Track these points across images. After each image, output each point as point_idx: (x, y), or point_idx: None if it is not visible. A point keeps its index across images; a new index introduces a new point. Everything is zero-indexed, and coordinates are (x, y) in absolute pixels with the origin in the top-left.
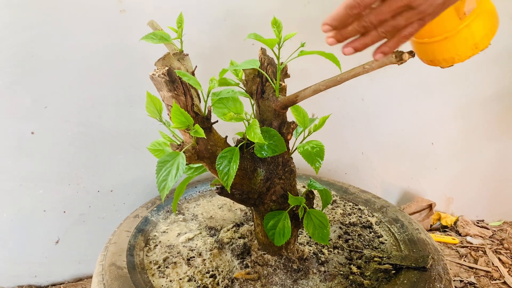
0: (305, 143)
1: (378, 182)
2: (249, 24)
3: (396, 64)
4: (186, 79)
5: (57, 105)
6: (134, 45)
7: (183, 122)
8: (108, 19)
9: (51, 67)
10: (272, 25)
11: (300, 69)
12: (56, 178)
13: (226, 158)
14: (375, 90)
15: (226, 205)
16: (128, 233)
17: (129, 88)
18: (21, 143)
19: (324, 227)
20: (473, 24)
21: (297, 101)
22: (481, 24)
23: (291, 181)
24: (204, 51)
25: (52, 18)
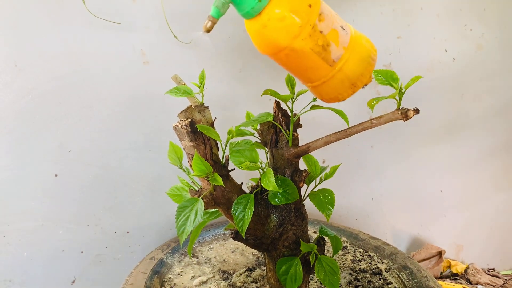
0: (316, 191)
1: (388, 229)
2: (263, 73)
3: (402, 120)
4: (206, 132)
5: (81, 149)
6: (154, 95)
7: (203, 170)
8: (132, 70)
9: (77, 114)
10: (287, 83)
11: (311, 117)
12: (75, 219)
13: (241, 204)
14: (384, 138)
15: (238, 249)
16: (144, 274)
17: (148, 135)
18: (45, 185)
19: (334, 273)
20: (345, 67)
21: (309, 151)
22: (353, 66)
23: (303, 228)
24: (222, 100)
25: (80, 69)
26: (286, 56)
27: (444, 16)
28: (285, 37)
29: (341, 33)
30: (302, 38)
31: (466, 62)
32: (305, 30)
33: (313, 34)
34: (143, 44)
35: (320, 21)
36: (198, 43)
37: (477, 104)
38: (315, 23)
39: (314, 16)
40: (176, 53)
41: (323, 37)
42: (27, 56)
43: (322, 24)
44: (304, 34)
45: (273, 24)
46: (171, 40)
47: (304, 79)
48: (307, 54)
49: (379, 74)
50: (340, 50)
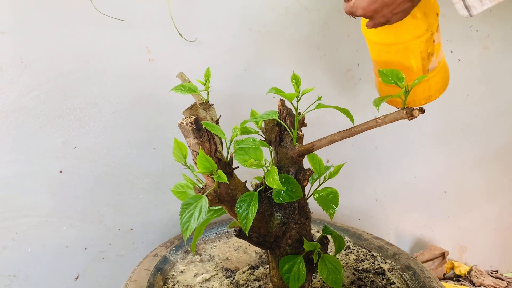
0: (320, 189)
1: (391, 229)
2: (268, 72)
3: (407, 119)
4: (211, 129)
5: (86, 146)
6: (160, 92)
7: (208, 167)
8: (137, 68)
9: (82, 110)
10: (292, 80)
11: (316, 116)
12: (79, 215)
13: (245, 202)
14: (388, 138)
15: (242, 247)
16: (147, 271)
17: (153, 132)
18: (49, 181)
19: (337, 272)
20: (432, 79)
21: (313, 149)
22: (438, 81)
23: (306, 226)
24: (227, 99)
25: (85, 66)
26: (397, 50)
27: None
28: (409, 34)
29: (441, 48)
30: (421, 40)
31: (471, 63)
32: (426, 34)
33: (429, 40)
34: (148, 41)
35: (437, 32)
36: (204, 41)
37: (482, 105)
38: (434, 31)
39: (436, 24)
40: (181, 51)
41: (433, 46)
42: (33, 53)
43: (437, 35)
44: (424, 37)
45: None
46: (176, 38)
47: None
48: (415, 56)
49: (384, 73)
50: (435, 63)
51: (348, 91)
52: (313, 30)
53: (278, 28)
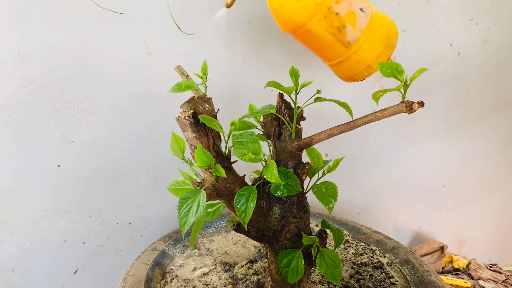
0: (319, 183)
1: (390, 223)
2: (267, 65)
3: (406, 113)
4: (209, 123)
5: (83, 140)
6: (158, 86)
7: (206, 161)
8: (135, 61)
9: (80, 104)
10: (290, 74)
11: (315, 110)
12: (78, 209)
13: (244, 196)
14: (387, 132)
15: (240, 242)
16: (146, 265)
17: (151, 126)
18: (47, 175)
19: (336, 266)
20: (361, 49)
21: (312, 143)
22: (369, 49)
23: (305, 220)
24: (225, 92)
25: (83, 59)
26: (302, 35)
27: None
28: (300, 17)
29: (359, 15)
30: (317, 19)
31: (471, 56)
32: (320, 12)
33: (328, 15)
34: (146, 35)
35: (337, 3)
36: (202, 34)
37: (482, 99)
38: (331, 5)
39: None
40: (180, 44)
41: (339, 19)
42: (30, 46)
43: (339, 6)
44: (319, 15)
45: (290, 3)
46: (174, 31)
47: (321, 57)
48: (322, 35)
49: (384, 66)
50: (356, 32)
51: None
52: None
53: None
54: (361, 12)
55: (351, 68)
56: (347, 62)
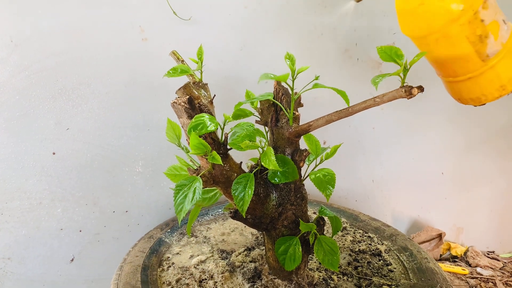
0: (317, 170)
1: (388, 210)
2: (264, 52)
3: (406, 98)
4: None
5: (79, 128)
6: (153, 72)
7: (201, 148)
8: (131, 47)
9: (75, 91)
10: (285, 59)
11: (313, 97)
12: (74, 197)
13: (241, 184)
14: (385, 119)
15: (237, 229)
16: (142, 253)
17: (148, 113)
18: (43, 163)
19: (334, 253)
20: (499, 65)
21: (310, 130)
22: (508, 66)
23: (302, 207)
24: (222, 79)
25: (77, 45)
26: (436, 41)
27: None
28: (442, 19)
29: (502, 27)
30: (461, 23)
31: None
32: (466, 15)
33: (473, 21)
34: (141, 20)
35: (484, 8)
36: (198, 20)
37: None
38: (478, 9)
39: (479, 1)
40: (176, 30)
41: (483, 27)
42: (23, 32)
43: (485, 12)
44: (463, 19)
45: (431, 2)
46: (170, 16)
47: (445, 70)
48: (460, 42)
49: (383, 50)
50: (497, 45)
51: (346, 71)
52: (310, 9)
53: (274, 6)
54: (503, 24)
55: (482, 87)
56: (479, 79)
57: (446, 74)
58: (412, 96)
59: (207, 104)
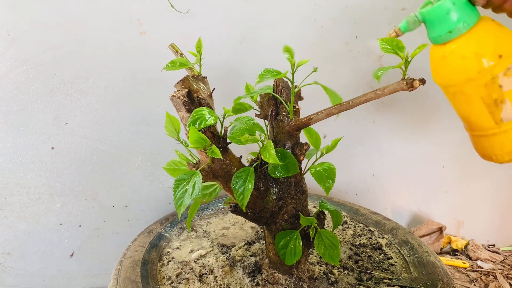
0: (317, 164)
1: (389, 204)
2: (264, 45)
3: (407, 90)
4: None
5: (77, 122)
6: (152, 66)
7: (200, 142)
8: (129, 41)
9: (73, 85)
10: (284, 52)
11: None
12: (73, 192)
13: (241, 178)
14: (386, 113)
15: (238, 223)
16: (142, 248)
17: (146, 107)
18: (41, 158)
19: (334, 247)
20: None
21: (310, 123)
22: None
23: (302, 201)
24: (221, 73)
25: (75, 39)
26: (454, 93)
27: None
28: (458, 76)
29: None
30: (476, 84)
31: None
32: (482, 78)
33: (490, 84)
34: (139, 13)
35: (506, 75)
36: (197, 13)
37: None
38: (498, 75)
39: (501, 68)
40: (174, 23)
41: (500, 92)
42: (20, 25)
43: (505, 79)
44: (479, 81)
45: (453, 59)
46: (168, 10)
47: (465, 122)
48: (475, 102)
49: (384, 42)
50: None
51: (346, 64)
52: (309, 1)
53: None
54: None
55: (493, 147)
56: (491, 139)
57: (466, 125)
58: (413, 88)
59: (206, 97)
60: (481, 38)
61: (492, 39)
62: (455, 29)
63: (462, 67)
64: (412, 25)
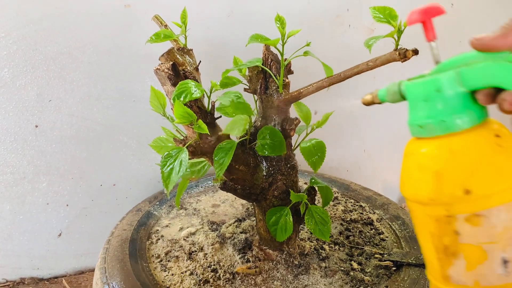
0: (307, 140)
1: (380, 180)
2: (252, 19)
3: (400, 61)
4: None
5: (61, 99)
6: (138, 40)
7: (186, 117)
8: (113, 14)
9: (55, 61)
10: (276, 21)
11: (304, 65)
12: (59, 171)
13: (224, 149)
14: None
15: (228, 201)
16: (130, 226)
17: (133, 83)
18: (25, 137)
19: (325, 223)
20: None
21: (300, 97)
22: None
23: (293, 177)
24: (209, 47)
25: (56, 13)
26: (411, 213)
27: None
28: (409, 189)
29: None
30: (427, 213)
31: (465, 8)
32: (434, 210)
33: (443, 224)
34: None
35: (469, 222)
36: None
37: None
38: (457, 216)
39: (464, 209)
40: None
41: (455, 241)
42: None
43: (467, 227)
44: (431, 211)
45: (411, 166)
46: None
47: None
48: (424, 233)
49: (376, 11)
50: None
51: (337, 38)
52: None
53: None
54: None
55: None
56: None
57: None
58: (406, 59)
59: (192, 70)
60: (457, 153)
61: (471, 162)
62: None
63: (416, 180)
64: (391, 96)
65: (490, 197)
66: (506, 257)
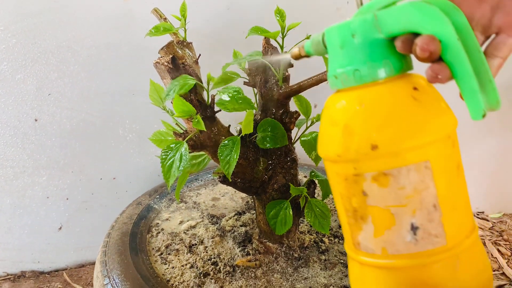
0: (307, 133)
1: None
2: (252, 12)
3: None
4: None
5: (61, 93)
6: (137, 34)
7: (186, 111)
8: (112, 7)
9: (54, 54)
10: (275, 14)
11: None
12: (59, 165)
13: (227, 147)
14: None
15: (228, 194)
16: (131, 220)
17: (132, 77)
18: (25, 130)
19: (325, 216)
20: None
21: (300, 90)
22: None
23: (293, 171)
24: (208, 40)
25: (55, 6)
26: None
27: None
28: (321, 148)
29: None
30: (336, 171)
31: None
32: (342, 167)
33: (351, 183)
34: None
35: (376, 182)
36: None
37: None
38: (365, 175)
39: (371, 167)
40: None
41: (363, 203)
42: None
43: (374, 187)
44: (339, 169)
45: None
46: None
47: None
48: (336, 195)
49: None
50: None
51: None
52: None
53: None
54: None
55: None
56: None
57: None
58: None
59: (192, 64)
60: (367, 105)
61: (380, 115)
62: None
63: (328, 136)
64: (316, 46)
65: (399, 155)
66: (415, 223)
